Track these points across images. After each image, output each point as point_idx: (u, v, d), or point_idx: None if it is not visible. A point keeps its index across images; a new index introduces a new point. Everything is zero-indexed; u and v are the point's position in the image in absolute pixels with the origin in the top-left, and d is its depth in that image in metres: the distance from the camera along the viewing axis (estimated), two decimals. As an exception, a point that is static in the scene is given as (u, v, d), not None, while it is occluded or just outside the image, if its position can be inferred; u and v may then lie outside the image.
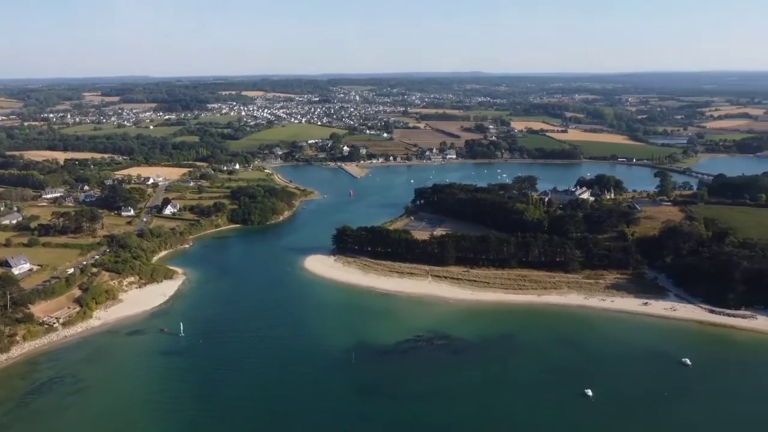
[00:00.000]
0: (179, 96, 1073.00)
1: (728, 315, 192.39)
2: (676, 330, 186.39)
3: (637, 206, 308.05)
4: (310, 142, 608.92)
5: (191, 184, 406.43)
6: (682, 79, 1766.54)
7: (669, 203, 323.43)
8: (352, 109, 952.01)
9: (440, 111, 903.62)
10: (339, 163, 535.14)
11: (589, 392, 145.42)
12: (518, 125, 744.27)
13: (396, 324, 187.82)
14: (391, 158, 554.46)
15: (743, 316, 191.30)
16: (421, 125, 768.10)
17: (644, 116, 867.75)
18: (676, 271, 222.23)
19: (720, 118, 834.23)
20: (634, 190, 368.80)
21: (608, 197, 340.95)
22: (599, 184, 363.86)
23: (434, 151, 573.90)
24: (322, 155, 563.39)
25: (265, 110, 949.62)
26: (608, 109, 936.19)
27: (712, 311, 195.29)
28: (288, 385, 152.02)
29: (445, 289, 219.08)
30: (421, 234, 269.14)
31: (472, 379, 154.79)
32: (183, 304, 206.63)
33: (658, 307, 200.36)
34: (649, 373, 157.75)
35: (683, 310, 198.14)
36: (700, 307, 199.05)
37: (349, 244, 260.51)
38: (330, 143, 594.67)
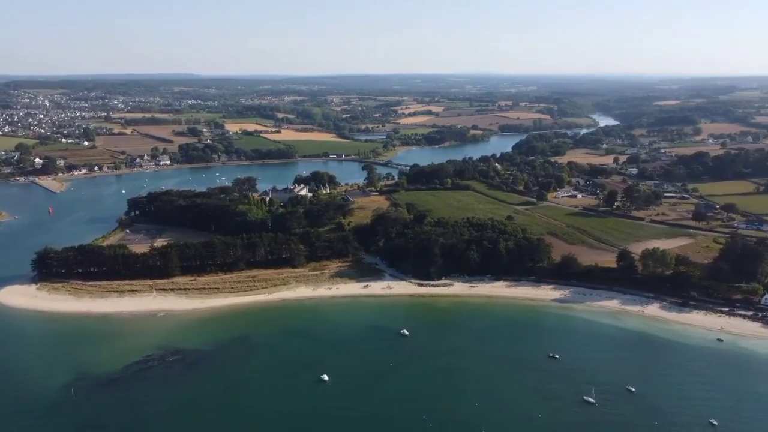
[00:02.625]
0: None
1: (432, 285, 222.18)
2: (394, 306, 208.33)
3: (350, 198, 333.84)
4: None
5: None
6: (377, 81, 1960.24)
7: (377, 193, 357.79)
8: (41, 116, 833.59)
9: (148, 115, 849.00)
10: (31, 178, 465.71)
11: (326, 377, 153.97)
12: (232, 127, 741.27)
13: (121, 347, 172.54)
14: (96, 168, 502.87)
15: (444, 285, 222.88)
16: (128, 131, 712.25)
17: (348, 115, 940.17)
18: (389, 253, 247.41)
19: (410, 115, 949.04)
20: (346, 184, 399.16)
21: (324, 192, 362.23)
22: (315, 180, 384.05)
23: (146, 157, 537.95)
24: (7, 170, 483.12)
25: None
26: (316, 109, 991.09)
27: (420, 284, 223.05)
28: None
29: (172, 302, 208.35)
30: (139, 247, 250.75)
31: (211, 388, 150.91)
32: None
33: (377, 287, 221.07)
34: (375, 348, 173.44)
35: (397, 287, 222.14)
36: (411, 282, 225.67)
37: (55, 268, 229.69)
38: (16, 155, 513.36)
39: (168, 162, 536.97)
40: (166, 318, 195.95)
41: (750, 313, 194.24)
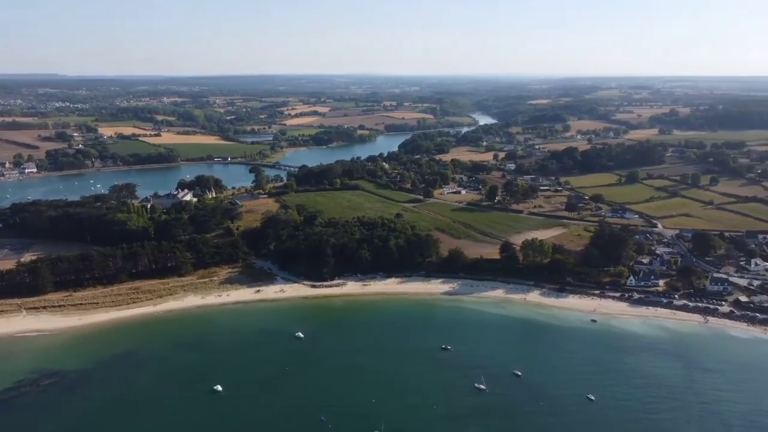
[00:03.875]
0: None
1: (326, 286, 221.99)
2: (288, 309, 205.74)
3: (237, 202, 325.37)
4: None
5: None
6: (261, 82, 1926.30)
7: (265, 195, 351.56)
8: None
9: (9, 119, 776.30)
10: None
11: (219, 387, 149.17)
12: (107, 131, 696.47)
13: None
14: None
15: (337, 285, 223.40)
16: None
17: (233, 117, 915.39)
18: (280, 256, 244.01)
19: (297, 115, 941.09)
20: (233, 187, 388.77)
21: (210, 196, 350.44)
22: (200, 184, 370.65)
23: (7, 165, 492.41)
24: None
25: None
26: (198, 110, 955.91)
27: (313, 286, 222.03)
28: None
29: (45, 321, 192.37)
30: (4, 263, 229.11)
31: (93, 411, 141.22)
32: None
33: (270, 291, 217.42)
34: (270, 354, 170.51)
35: (290, 290, 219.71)
36: (304, 284, 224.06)
37: None
38: None
39: (34, 170, 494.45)
40: (38, 339, 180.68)
41: (618, 294, 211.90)
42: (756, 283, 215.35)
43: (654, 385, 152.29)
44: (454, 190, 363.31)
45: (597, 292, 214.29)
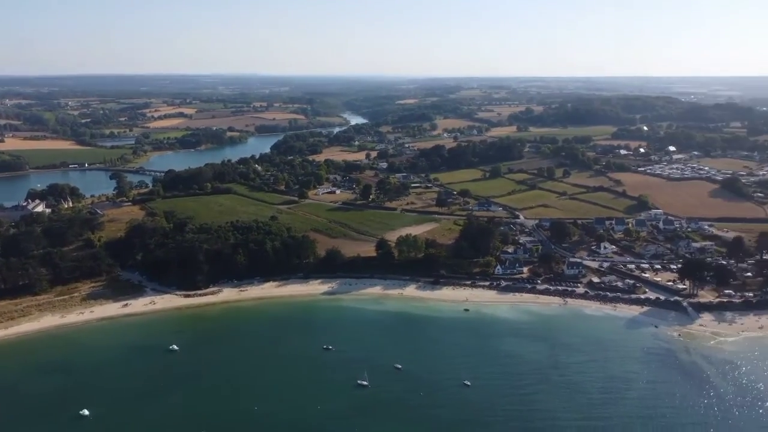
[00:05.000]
0: None
1: (200, 295, 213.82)
2: (160, 322, 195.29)
3: (98, 211, 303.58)
4: None
5: None
6: (119, 82, 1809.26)
7: (129, 203, 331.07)
8: None
9: None
10: None
11: (86, 412, 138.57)
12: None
13: None
14: None
15: (212, 293, 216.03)
16: None
17: (88, 119, 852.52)
18: (149, 266, 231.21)
19: (161, 117, 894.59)
20: (93, 195, 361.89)
21: (66, 206, 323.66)
22: (54, 194, 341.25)
23: None
24: None
25: None
26: (49, 113, 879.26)
27: (187, 295, 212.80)
28: None
29: None
30: None
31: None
32: None
33: (139, 305, 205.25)
34: (141, 371, 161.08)
35: (162, 301, 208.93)
36: (176, 294, 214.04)
37: None
38: None
39: None
40: None
41: (487, 283, 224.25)
42: (605, 264, 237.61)
43: (523, 364, 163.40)
44: (329, 190, 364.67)
45: (468, 282, 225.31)
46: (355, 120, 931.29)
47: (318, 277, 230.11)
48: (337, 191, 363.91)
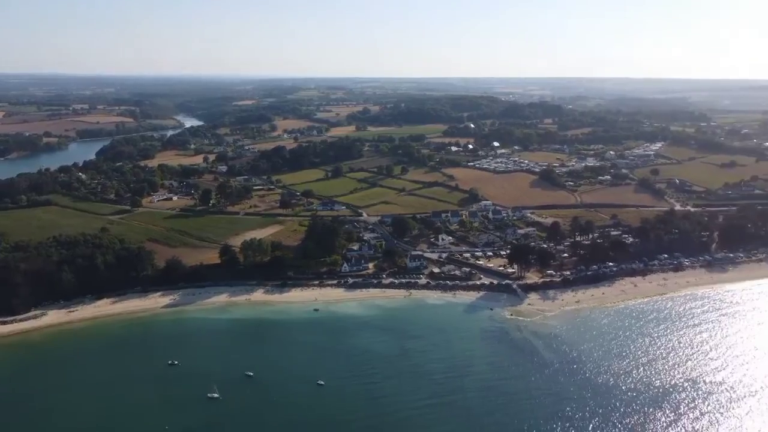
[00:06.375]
0: None
1: (19, 320, 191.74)
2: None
3: None
4: None
5: None
6: None
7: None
8: None
9: None
10: None
11: None
12: None
13: None
14: None
15: (34, 317, 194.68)
16: None
17: None
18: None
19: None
20: None
21: None
22: None
23: None
24: None
25: None
26: None
27: (3, 323, 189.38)
28: None
29: None
30: None
31: None
32: None
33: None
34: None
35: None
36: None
37: None
38: None
39: None
40: None
41: (335, 281, 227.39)
42: (444, 255, 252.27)
43: (373, 358, 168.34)
44: (165, 197, 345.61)
45: (317, 282, 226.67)
46: (191, 122, 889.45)
47: (158, 289, 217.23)
48: (175, 197, 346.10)
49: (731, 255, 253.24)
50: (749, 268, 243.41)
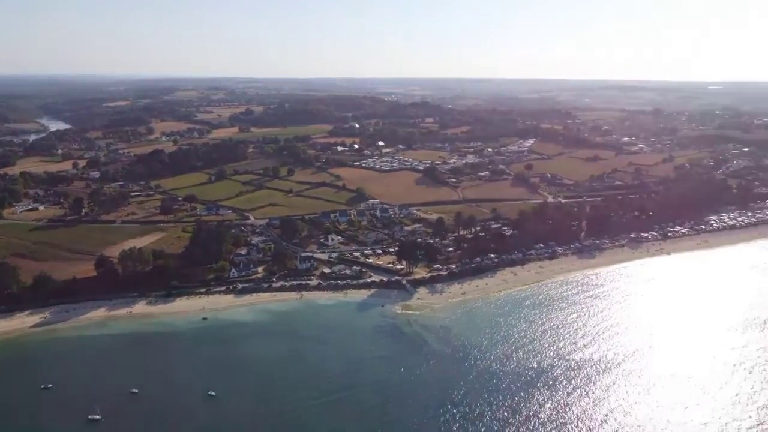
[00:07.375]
0: None
1: None
2: None
3: None
4: None
5: None
6: None
7: None
8: None
9: None
10: None
11: None
12: None
13: None
14: None
15: None
16: None
17: None
18: None
19: None
20: None
21: None
22: None
23: None
24: None
25: None
26: None
27: None
28: None
29: None
30: None
31: None
32: None
33: None
34: None
35: None
36: None
37: None
38: None
39: None
40: None
41: (224, 288, 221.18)
42: (334, 255, 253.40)
43: (266, 364, 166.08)
44: (30, 207, 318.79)
45: (204, 290, 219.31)
46: (56, 125, 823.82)
47: (25, 308, 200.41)
48: (41, 207, 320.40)
49: (597, 242, 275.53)
50: (613, 253, 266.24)
